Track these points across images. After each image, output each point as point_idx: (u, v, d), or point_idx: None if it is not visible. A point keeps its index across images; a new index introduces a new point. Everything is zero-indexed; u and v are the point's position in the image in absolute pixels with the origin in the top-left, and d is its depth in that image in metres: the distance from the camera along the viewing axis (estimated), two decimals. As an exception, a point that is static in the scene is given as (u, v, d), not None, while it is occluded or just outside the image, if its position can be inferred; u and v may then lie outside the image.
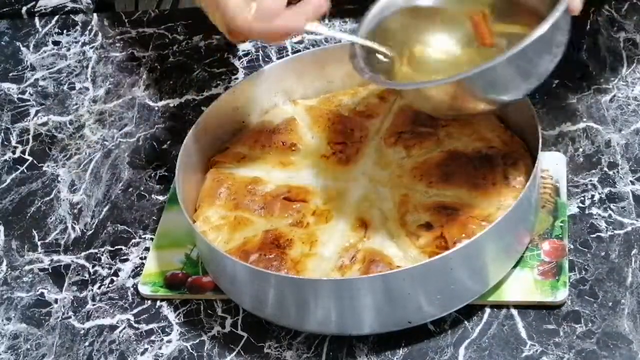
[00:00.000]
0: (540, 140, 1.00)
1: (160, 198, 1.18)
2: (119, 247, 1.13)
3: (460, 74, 0.93)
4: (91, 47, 1.43)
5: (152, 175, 1.21)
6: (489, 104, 0.99)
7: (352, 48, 1.02)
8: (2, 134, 1.32)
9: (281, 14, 0.97)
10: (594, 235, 1.05)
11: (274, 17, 0.97)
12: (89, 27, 1.46)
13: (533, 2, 1.00)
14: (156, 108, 1.31)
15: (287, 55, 1.34)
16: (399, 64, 1.02)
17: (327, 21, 1.38)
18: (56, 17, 1.49)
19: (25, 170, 1.26)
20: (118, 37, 1.44)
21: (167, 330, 1.03)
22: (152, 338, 1.03)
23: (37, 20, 1.50)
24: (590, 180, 1.10)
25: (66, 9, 1.50)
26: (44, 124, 1.32)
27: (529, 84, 0.96)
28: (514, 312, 0.99)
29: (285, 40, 1.03)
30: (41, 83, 1.39)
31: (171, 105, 1.31)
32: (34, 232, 1.17)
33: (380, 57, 1.02)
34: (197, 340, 1.02)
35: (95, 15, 1.49)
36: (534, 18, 0.95)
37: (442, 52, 1.04)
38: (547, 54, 0.94)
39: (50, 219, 1.18)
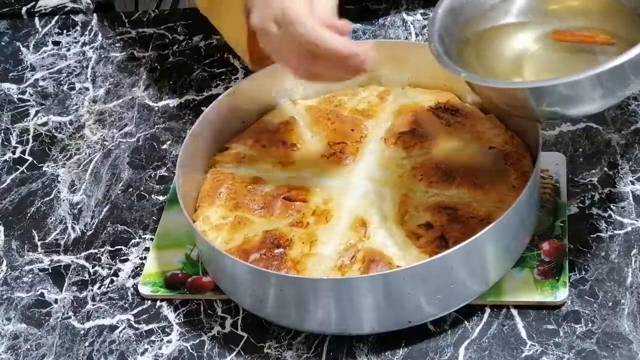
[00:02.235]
0: (540, 140, 1.00)
1: (160, 198, 1.18)
2: (119, 247, 1.13)
3: (542, 80, 0.89)
4: (91, 47, 1.43)
5: (152, 175, 1.21)
6: (559, 115, 0.95)
7: (434, 48, 0.98)
8: (2, 134, 1.32)
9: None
10: (594, 235, 1.05)
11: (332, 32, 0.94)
12: (89, 27, 1.46)
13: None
14: (156, 108, 1.31)
15: (287, 55, 1.33)
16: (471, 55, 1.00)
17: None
18: (56, 17, 1.49)
19: (25, 171, 1.26)
20: (118, 37, 1.44)
21: (167, 330, 1.03)
22: (152, 338, 1.03)
23: (37, 20, 1.50)
24: (590, 180, 1.10)
25: (66, 9, 1.50)
26: (44, 124, 1.32)
27: (609, 101, 0.91)
28: (514, 312, 0.99)
29: (331, 80, 1.03)
30: (41, 83, 1.39)
31: (171, 105, 1.31)
32: (34, 232, 1.17)
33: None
34: (197, 340, 1.02)
35: (95, 15, 1.49)
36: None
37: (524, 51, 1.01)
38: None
39: (50, 219, 1.18)
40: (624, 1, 0.99)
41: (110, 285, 1.09)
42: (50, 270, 1.12)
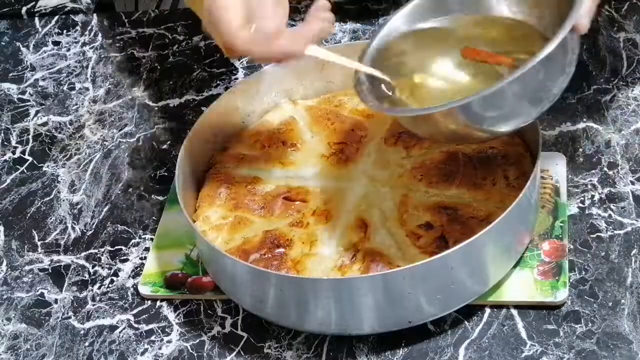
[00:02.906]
0: (540, 140, 1.00)
1: (160, 198, 1.18)
2: (119, 247, 1.13)
3: (462, 99, 0.91)
4: (91, 47, 1.43)
5: (152, 175, 1.21)
6: (496, 131, 0.96)
7: (357, 75, 1.00)
8: (2, 134, 1.32)
9: (281, 36, 0.94)
10: (594, 235, 1.05)
11: (273, 39, 0.94)
12: (89, 27, 1.46)
13: (541, 25, 0.99)
14: (156, 108, 1.31)
15: (287, 55, 1.33)
16: (401, 93, 1.00)
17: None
18: (56, 17, 1.49)
19: (25, 171, 1.26)
20: (118, 37, 1.44)
21: (167, 330, 1.03)
22: (152, 338, 1.03)
23: (37, 20, 1.50)
24: (590, 180, 1.10)
25: (66, 9, 1.50)
26: (44, 124, 1.32)
27: (538, 107, 0.94)
28: (514, 312, 0.99)
29: (285, 62, 0.99)
30: (41, 83, 1.39)
31: (171, 105, 1.31)
32: (34, 232, 1.17)
33: (383, 86, 1.00)
34: (197, 340, 1.02)
35: (95, 15, 1.49)
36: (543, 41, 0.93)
37: (445, 80, 1.01)
38: (556, 74, 0.93)
39: (50, 219, 1.18)
40: (538, 25, 1.00)
41: (110, 285, 1.09)
42: (50, 270, 1.12)
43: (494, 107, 0.92)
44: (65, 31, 1.47)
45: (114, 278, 1.10)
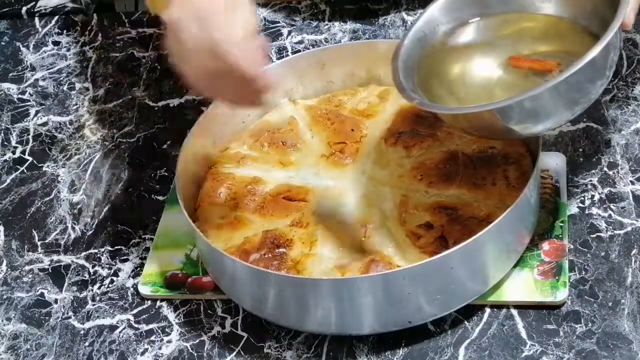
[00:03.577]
0: (540, 140, 1.00)
1: (160, 198, 1.18)
2: (119, 247, 1.13)
3: (504, 100, 0.91)
4: (91, 47, 1.43)
5: (152, 175, 1.21)
6: (532, 130, 0.96)
7: (395, 65, 1.00)
8: (2, 134, 1.32)
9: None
10: (594, 235, 1.05)
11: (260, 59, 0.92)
12: (89, 27, 1.46)
13: (585, 20, 0.99)
14: (156, 108, 1.31)
15: (287, 55, 1.34)
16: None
17: (327, 21, 1.38)
18: (56, 17, 1.49)
19: (25, 171, 1.26)
20: (118, 37, 1.44)
21: (167, 330, 1.03)
22: (152, 338, 1.03)
23: (37, 20, 1.50)
24: (590, 180, 1.10)
25: (66, 9, 1.50)
26: (44, 124, 1.32)
27: (577, 109, 0.94)
28: (514, 312, 0.99)
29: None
30: (41, 83, 1.39)
31: (171, 105, 1.31)
32: (34, 232, 1.17)
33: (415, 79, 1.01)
34: (197, 340, 1.02)
35: (95, 15, 1.49)
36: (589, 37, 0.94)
37: (484, 78, 1.02)
38: (599, 76, 0.92)
39: (50, 219, 1.18)
40: (578, 20, 1.01)
41: (110, 285, 1.09)
42: (50, 270, 1.12)
43: (531, 109, 0.92)
44: (65, 31, 1.47)
45: (114, 278, 1.10)
